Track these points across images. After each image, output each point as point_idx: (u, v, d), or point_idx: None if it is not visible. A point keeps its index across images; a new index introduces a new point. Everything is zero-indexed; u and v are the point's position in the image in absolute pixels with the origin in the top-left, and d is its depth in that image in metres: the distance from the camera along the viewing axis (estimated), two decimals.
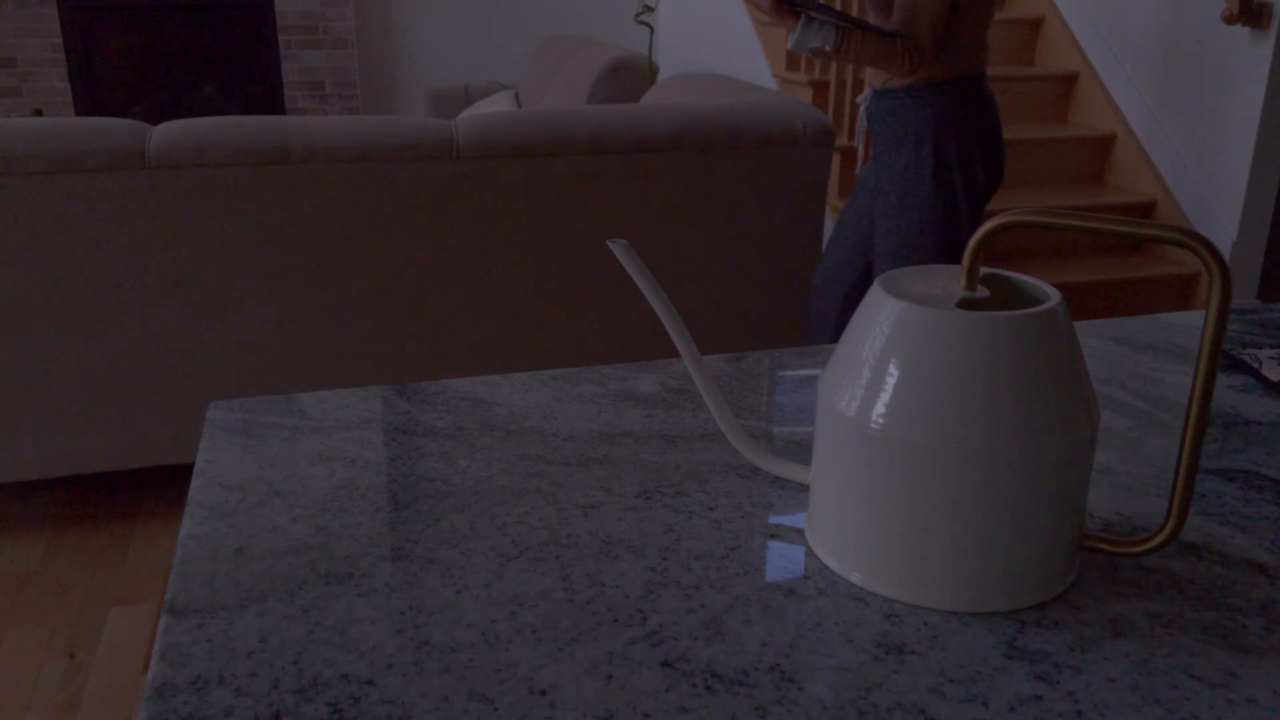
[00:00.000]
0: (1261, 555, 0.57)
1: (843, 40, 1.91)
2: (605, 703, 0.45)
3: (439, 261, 2.33)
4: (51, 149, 2.06)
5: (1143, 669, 0.48)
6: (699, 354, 0.62)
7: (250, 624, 0.51)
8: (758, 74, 4.20)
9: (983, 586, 0.52)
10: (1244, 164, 3.32)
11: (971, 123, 2.02)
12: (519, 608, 0.52)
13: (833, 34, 1.91)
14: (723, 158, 2.45)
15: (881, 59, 1.94)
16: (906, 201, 2.03)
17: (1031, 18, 4.19)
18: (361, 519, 0.60)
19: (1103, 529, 0.60)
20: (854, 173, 3.75)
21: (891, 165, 2.05)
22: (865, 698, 0.46)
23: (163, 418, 2.26)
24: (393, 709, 0.45)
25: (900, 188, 2.03)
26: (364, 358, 2.36)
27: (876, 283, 0.54)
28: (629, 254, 0.58)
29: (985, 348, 0.50)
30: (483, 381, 0.80)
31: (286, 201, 2.20)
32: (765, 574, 0.55)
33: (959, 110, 2.00)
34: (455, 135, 2.27)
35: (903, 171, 2.03)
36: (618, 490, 0.64)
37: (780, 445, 0.71)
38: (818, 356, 0.87)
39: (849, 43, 1.91)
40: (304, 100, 5.36)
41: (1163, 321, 0.95)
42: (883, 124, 2.06)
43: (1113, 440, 0.71)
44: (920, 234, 2.02)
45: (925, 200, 2.01)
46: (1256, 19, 3.20)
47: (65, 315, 2.15)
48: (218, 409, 0.75)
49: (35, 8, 4.96)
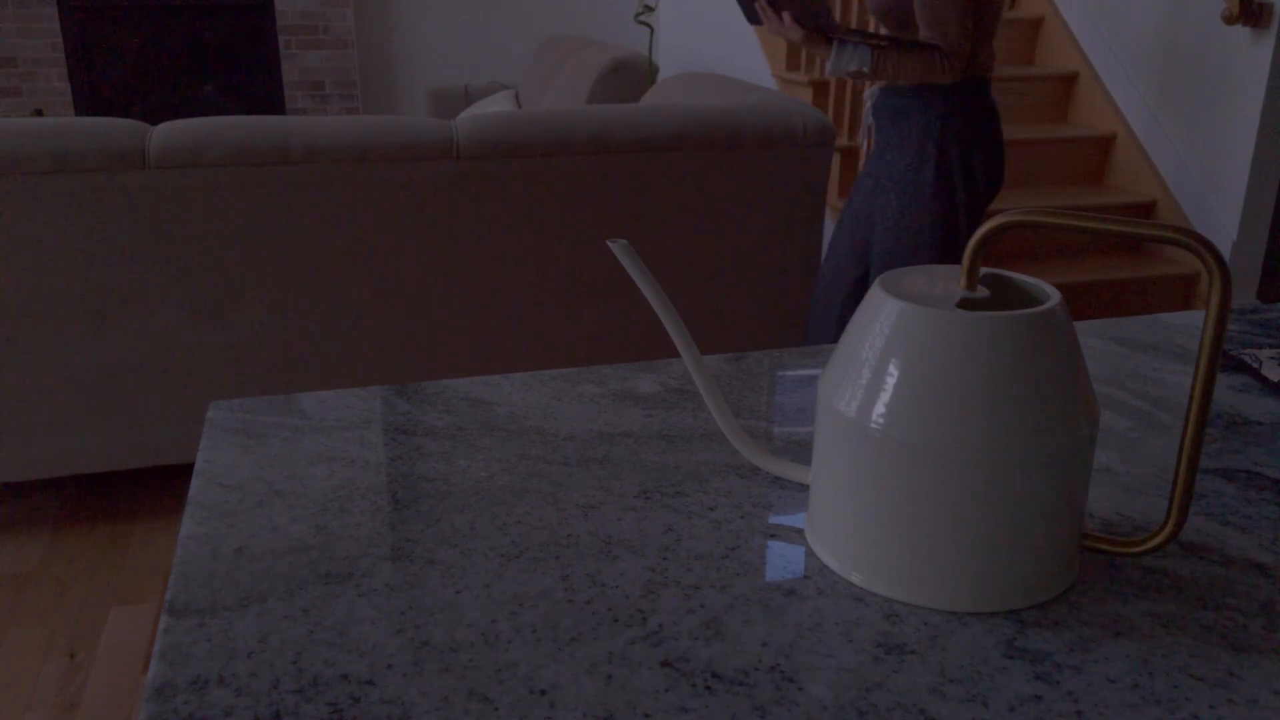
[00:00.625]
0: (1261, 555, 0.57)
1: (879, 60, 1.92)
2: (605, 703, 0.45)
3: (439, 261, 2.33)
4: (51, 149, 2.06)
5: (1143, 669, 0.48)
6: (699, 354, 0.62)
7: (250, 624, 0.51)
8: (758, 74, 4.20)
9: (983, 586, 0.52)
10: (1244, 164, 3.32)
11: (976, 127, 2.02)
12: (519, 608, 0.52)
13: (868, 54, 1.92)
14: (723, 158, 2.45)
15: (921, 72, 1.94)
16: (906, 202, 2.02)
17: (1031, 18, 4.19)
18: (361, 519, 0.60)
19: (1103, 529, 0.60)
20: (854, 172, 3.75)
21: (894, 164, 2.04)
22: (865, 698, 0.46)
23: (163, 418, 2.26)
24: (393, 709, 0.45)
25: (901, 187, 2.03)
26: (364, 358, 2.36)
27: (876, 283, 0.54)
28: (629, 254, 0.58)
29: (985, 348, 0.50)
30: (483, 381, 0.80)
31: (286, 201, 2.20)
32: (765, 574, 0.55)
33: (965, 114, 2.00)
34: (455, 135, 2.27)
35: (905, 171, 2.02)
36: (618, 490, 0.64)
37: (780, 445, 0.71)
38: (818, 356, 0.87)
39: (885, 61, 1.92)
40: (304, 100, 5.36)
41: (1163, 321, 0.95)
42: (889, 121, 2.06)
43: (1113, 440, 0.71)
44: (918, 235, 2.02)
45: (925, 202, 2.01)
46: (1256, 19, 3.20)
47: (65, 315, 2.15)
48: (218, 409, 0.75)
49: (35, 8, 4.96)
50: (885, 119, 2.07)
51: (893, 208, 2.04)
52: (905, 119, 2.02)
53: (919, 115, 2.01)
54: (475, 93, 5.18)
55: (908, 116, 2.02)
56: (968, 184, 2.02)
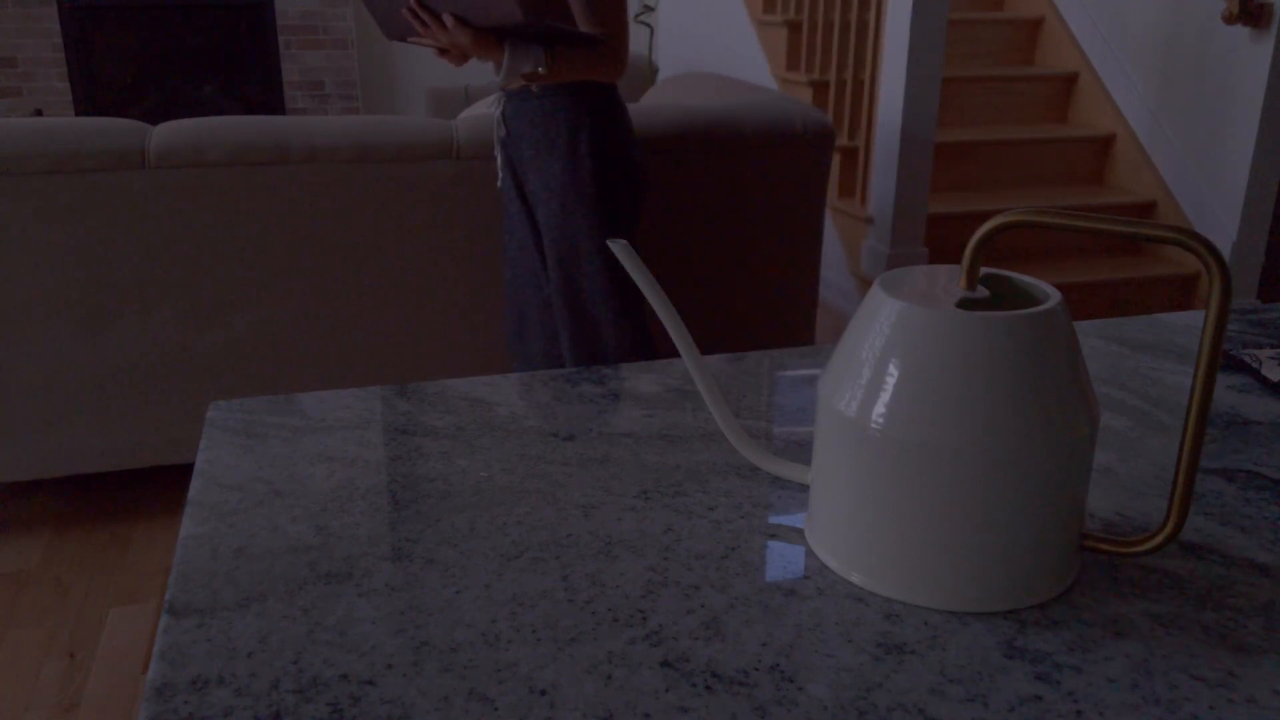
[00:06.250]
0: (1261, 555, 0.57)
1: (555, 58, 1.79)
2: (605, 703, 0.45)
3: (439, 261, 2.33)
4: (51, 149, 2.06)
5: (1143, 669, 0.48)
6: (699, 354, 0.62)
7: (250, 624, 0.51)
8: (758, 74, 4.20)
9: (983, 586, 0.52)
10: (1244, 164, 3.32)
11: (620, 119, 1.92)
12: (519, 608, 0.52)
13: (541, 54, 1.78)
14: (723, 158, 2.45)
15: (593, 67, 1.82)
16: (570, 206, 1.89)
17: (1031, 18, 4.19)
18: (361, 519, 0.60)
19: (1103, 529, 0.60)
20: (854, 171, 3.75)
21: (546, 170, 1.90)
22: (865, 698, 0.46)
23: (163, 418, 2.26)
24: (393, 709, 0.45)
25: (561, 193, 1.89)
26: (364, 358, 2.36)
27: (876, 283, 0.54)
28: (629, 254, 0.58)
29: (985, 348, 0.50)
30: (483, 381, 0.80)
31: (286, 201, 2.20)
32: (765, 574, 0.55)
33: (606, 108, 1.89)
34: (455, 135, 2.27)
35: (561, 175, 1.88)
36: (618, 490, 0.64)
37: (780, 445, 0.71)
38: (817, 356, 0.87)
39: (559, 62, 1.79)
40: (304, 100, 5.36)
41: (1163, 321, 0.95)
42: (530, 127, 1.91)
43: (1113, 440, 0.71)
44: (589, 238, 1.89)
45: (589, 202, 1.88)
46: (1256, 19, 3.20)
47: (65, 315, 2.15)
48: (218, 409, 0.75)
49: (35, 8, 4.96)
50: (526, 125, 1.91)
51: (555, 215, 1.90)
52: (548, 122, 1.88)
53: (564, 115, 1.86)
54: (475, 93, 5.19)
55: (552, 119, 1.87)
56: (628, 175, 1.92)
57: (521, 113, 1.91)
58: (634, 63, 3.89)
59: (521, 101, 1.91)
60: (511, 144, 1.97)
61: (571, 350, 1.99)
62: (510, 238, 2.06)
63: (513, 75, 1.79)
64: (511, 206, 2.03)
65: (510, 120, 1.95)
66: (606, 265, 1.92)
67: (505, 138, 1.99)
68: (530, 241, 2.01)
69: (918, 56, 3.19)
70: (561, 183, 1.89)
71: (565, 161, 1.87)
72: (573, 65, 1.81)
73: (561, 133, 1.87)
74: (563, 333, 1.99)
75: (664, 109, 2.43)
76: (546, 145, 1.89)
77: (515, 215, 2.03)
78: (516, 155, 1.97)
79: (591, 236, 1.90)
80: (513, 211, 2.03)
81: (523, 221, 2.01)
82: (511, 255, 2.07)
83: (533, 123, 1.90)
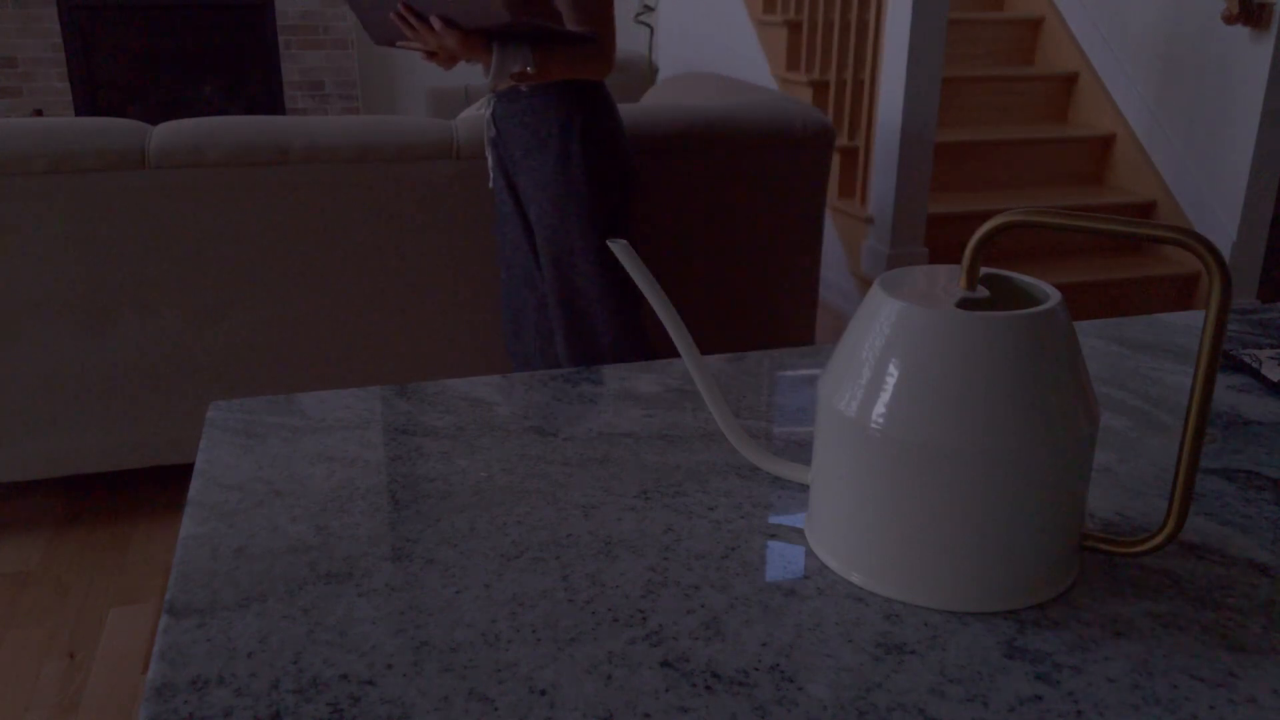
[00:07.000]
0: (1261, 555, 0.57)
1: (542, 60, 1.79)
2: (605, 703, 0.45)
3: (439, 261, 2.33)
4: (51, 149, 2.06)
5: (1143, 669, 0.48)
6: (699, 354, 0.62)
7: (250, 624, 0.51)
8: (758, 74, 4.20)
9: (983, 586, 0.52)
10: (1244, 164, 3.32)
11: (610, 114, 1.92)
12: (519, 608, 0.52)
13: (529, 54, 1.78)
14: (723, 158, 2.45)
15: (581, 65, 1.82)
16: (562, 204, 1.89)
17: (1031, 18, 4.19)
18: (361, 519, 0.60)
19: (1103, 529, 0.60)
20: (855, 171, 3.75)
21: (539, 169, 1.90)
22: (865, 698, 0.46)
23: (163, 418, 2.26)
24: (393, 709, 0.45)
25: (553, 191, 1.89)
26: (364, 358, 2.36)
27: (876, 283, 0.54)
28: (629, 254, 0.58)
29: (985, 348, 0.50)
30: (483, 381, 0.80)
31: (286, 201, 2.20)
32: (765, 574, 0.55)
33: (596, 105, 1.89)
34: (455, 135, 2.27)
35: (552, 173, 1.88)
36: (618, 490, 0.64)
37: (780, 445, 0.71)
38: (817, 356, 0.87)
39: (548, 61, 1.79)
40: (304, 100, 5.36)
41: (1163, 321, 0.95)
42: (520, 127, 1.90)
43: (1113, 440, 0.71)
44: (582, 235, 1.90)
45: (581, 199, 1.88)
46: (1256, 19, 3.20)
47: (65, 315, 2.15)
48: (218, 409, 0.75)
49: (35, 8, 4.96)
50: (516, 125, 1.91)
51: (548, 214, 1.90)
52: (538, 121, 1.87)
53: (555, 113, 1.86)
54: (475, 93, 5.18)
55: (542, 117, 1.87)
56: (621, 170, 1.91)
57: (511, 113, 1.91)
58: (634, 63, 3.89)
59: (511, 101, 1.90)
60: (502, 144, 1.97)
61: (566, 349, 1.99)
62: (503, 238, 2.06)
63: (501, 76, 1.79)
64: (504, 207, 2.03)
65: (500, 120, 1.95)
66: (600, 262, 1.92)
67: (495, 138, 1.98)
68: (524, 241, 2.01)
69: (918, 56, 3.19)
70: (553, 181, 1.88)
71: (557, 159, 1.87)
72: (561, 64, 1.81)
73: (552, 131, 1.87)
74: (558, 332, 1.99)
75: (664, 109, 2.43)
76: (537, 144, 1.89)
77: (508, 216, 2.03)
78: (507, 155, 1.97)
79: (585, 234, 1.90)
80: (505, 212, 2.03)
81: (515, 222, 2.01)
82: (505, 256, 2.07)
83: (523, 122, 1.90)
